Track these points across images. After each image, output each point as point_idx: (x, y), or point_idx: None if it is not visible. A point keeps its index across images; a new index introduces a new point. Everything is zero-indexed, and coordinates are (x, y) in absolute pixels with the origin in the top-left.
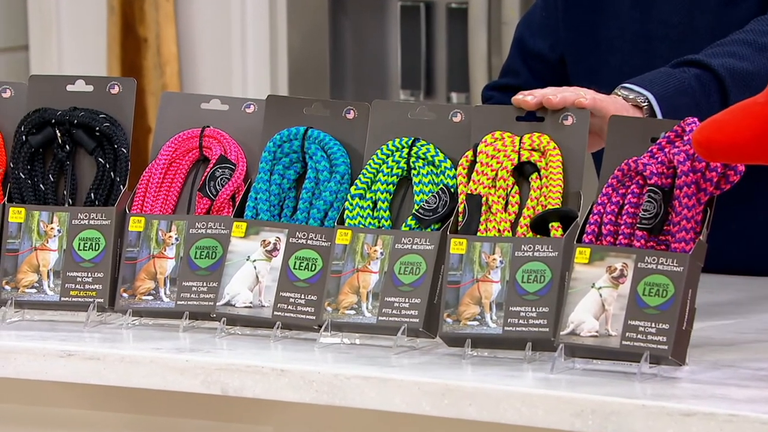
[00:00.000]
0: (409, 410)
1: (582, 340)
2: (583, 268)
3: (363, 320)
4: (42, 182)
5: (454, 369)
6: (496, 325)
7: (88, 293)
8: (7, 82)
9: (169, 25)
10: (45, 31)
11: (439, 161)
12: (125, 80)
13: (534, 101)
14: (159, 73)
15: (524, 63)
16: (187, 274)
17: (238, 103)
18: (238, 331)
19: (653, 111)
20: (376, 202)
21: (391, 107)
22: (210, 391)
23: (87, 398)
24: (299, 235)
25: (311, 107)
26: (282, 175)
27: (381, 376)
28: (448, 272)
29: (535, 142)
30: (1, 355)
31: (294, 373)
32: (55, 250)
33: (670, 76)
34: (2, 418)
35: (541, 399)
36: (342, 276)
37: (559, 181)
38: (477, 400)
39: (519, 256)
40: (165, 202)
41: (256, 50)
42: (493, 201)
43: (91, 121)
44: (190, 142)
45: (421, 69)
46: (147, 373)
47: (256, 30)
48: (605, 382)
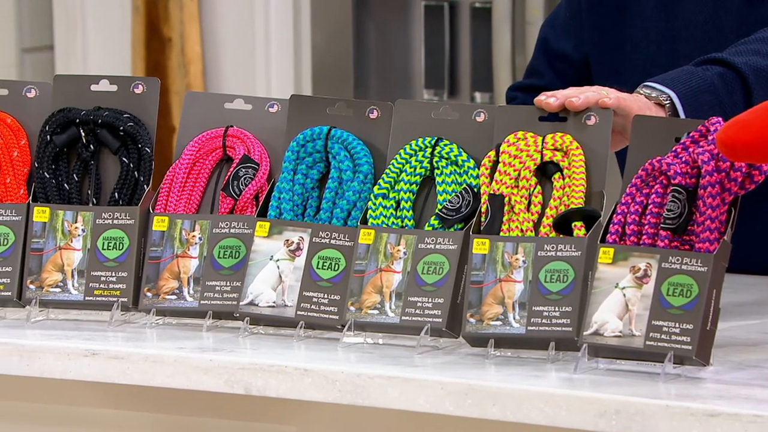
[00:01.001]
0: (432, 410)
1: (605, 340)
2: (606, 267)
3: (386, 320)
4: (66, 182)
5: (478, 369)
6: (519, 324)
7: (112, 292)
8: (32, 82)
9: (193, 25)
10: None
11: (463, 161)
12: (149, 80)
13: (557, 103)
14: (183, 73)
15: (548, 64)
16: (211, 273)
17: (261, 103)
18: (262, 330)
19: (676, 109)
20: (399, 202)
21: (414, 107)
22: (233, 390)
23: (111, 397)
24: (322, 235)
25: (334, 107)
26: (305, 175)
27: (404, 375)
28: (471, 272)
29: (558, 142)
30: (25, 355)
31: (317, 373)
32: (79, 250)
33: (693, 74)
34: (27, 417)
35: (564, 399)
36: (365, 276)
37: (582, 181)
38: (500, 400)
39: (542, 255)
40: (189, 202)
41: (279, 50)
42: (516, 201)
43: (115, 121)
44: (213, 141)
45: (445, 68)
46: (170, 372)
47: (280, 29)
48: (629, 382)
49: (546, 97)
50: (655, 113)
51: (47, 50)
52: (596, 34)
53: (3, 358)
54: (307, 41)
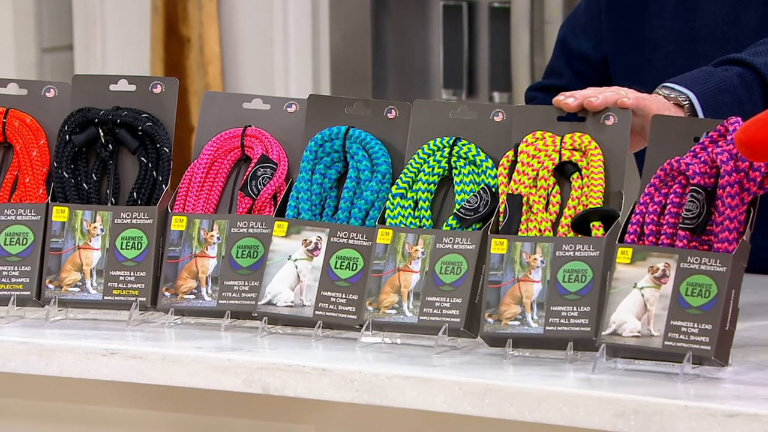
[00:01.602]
0: (450, 410)
1: (624, 341)
2: (625, 267)
3: (404, 320)
4: (85, 181)
5: (496, 369)
6: (538, 324)
7: (131, 292)
8: (51, 82)
9: (212, 25)
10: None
11: (481, 161)
12: (168, 80)
13: (575, 103)
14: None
15: (567, 64)
16: (229, 273)
17: (279, 103)
18: (280, 330)
19: (695, 110)
20: (417, 202)
21: (432, 107)
22: (251, 390)
23: (129, 397)
24: (340, 235)
25: (353, 107)
26: (323, 175)
27: (422, 375)
28: (489, 272)
29: (576, 142)
30: (44, 354)
31: (335, 373)
32: (98, 249)
33: (712, 74)
34: (45, 416)
35: (582, 399)
36: (383, 275)
37: (600, 181)
38: (518, 400)
39: (560, 255)
40: (207, 202)
41: (298, 49)
42: (534, 201)
43: (133, 121)
44: (232, 141)
45: (464, 68)
46: (189, 372)
47: (299, 29)
48: (647, 382)
49: (564, 97)
50: (674, 114)
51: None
52: (615, 34)
53: (22, 357)
54: (326, 41)
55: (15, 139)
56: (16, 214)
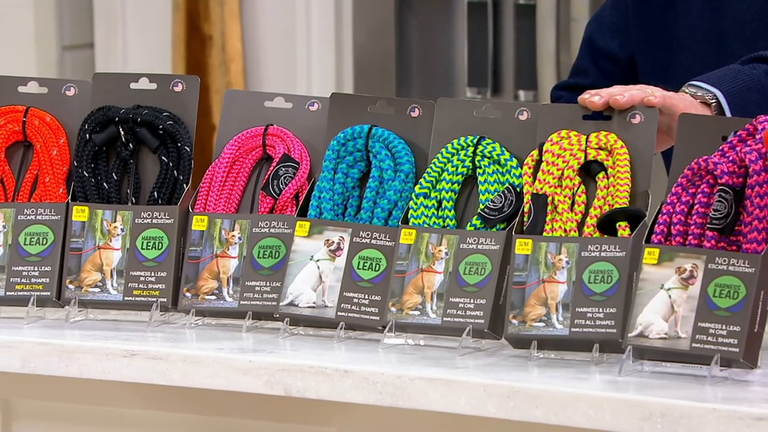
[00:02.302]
0: (474, 412)
1: (651, 342)
2: (651, 268)
3: (427, 321)
4: (105, 181)
5: (520, 371)
6: (563, 326)
7: (151, 293)
8: (71, 80)
9: (234, 23)
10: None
11: (505, 160)
12: (189, 78)
13: (601, 101)
14: (224, 71)
15: (594, 63)
16: (250, 273)
17: (301, 101)
18: (302, 331)
19: (722, 108)
20: (440, 202)
21: (456, 105)
22: (273, 391)
23: (149, 398)
24: (363, 235)
25: (375, 105)
26: (346, 174)
27: (446, 377)
28: (513, 273)
29: (602, 141)
30: (64, 355)
31: (358, 374)
32: (118, 249)
33: (739, 72)
34: (65, 417)
35: (608, 402)
36: (406, 276)
37: (626, 180)
38: (543, 402)
39: (586, 256)
40: (228, 201)
41: (321, 47)
42: (559, 200)
43: (154, 119)
44: (253, 140)
45: (488, 66)
46: (210, 373)
47: (321, 27)
48: (675, 385)
49: (590, 95)
50: (701, 112)
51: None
52: (642, 33)
53: (42, 358)
54: (349, 39)
55: (35, 138)
56: (36, 214)
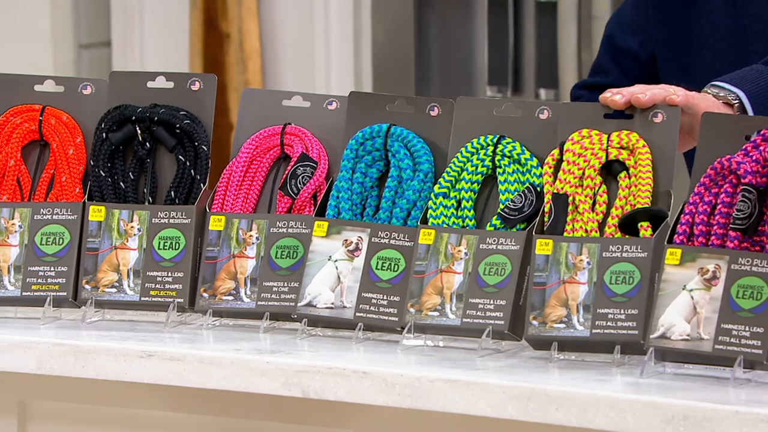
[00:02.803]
0: (493, 414)
1: (673, 344)
2: (673, 269)
3: (447, 322)
4: (122, 180)
5: (541, 372)
6: (584, 327)
7: (168, 293)
8: (88, 79)
9: (251, 20)
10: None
11: (525, 159)
12: (206, 76)
13: (623, 100)
14: (241, 69)
15: (614, 61)
16: (268, 273)
17: (320, 100)
18: (320, 332)
19: (744, 109)
20: (460, 201)
21: (476, 104)
22: (291, 393)
23: (166, 399)
24: (382, 235)
25: (394, 104)
26: (364, 174)
27: (465, 379)
28: (533, 273)
29: (624, 140)
30: (81, 356)
31: (376, 376)
32: (135, 249)
33: (763, 73)
34: (82, 418)
35: (630, 404)
36: (425, 276)
37: (648, 180)
38: (564, 404)
39: (607, 256)
40: (246, 201)
41: (339, 45)
42: (580, 200)
43: (171, 118)
44: (271, 139)
45: (509, 64)
46: (227, 374)
47: (340, 24)
48: (697, 387)
49: (611, 94)
50: (723, 112)
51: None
52: (663, 31)
53: (58, 359)
54: (368, 36)
55: (51, 137)
56: (52, 214)
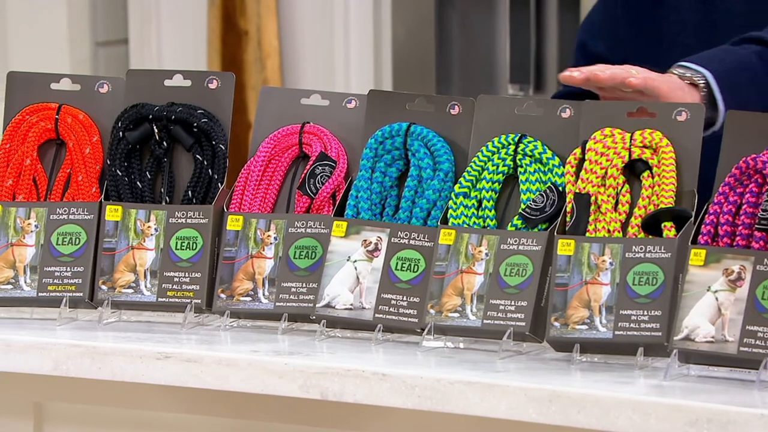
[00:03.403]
0: (514, 417)
1: (697, 346)
2: (698, 270)
3: (467, 323)
4: (139, 179)
5: (562, 375)
6: (606, 329)
7: (186, 294)
8: (105, 77)
9: (270, 18)
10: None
11: (547, 159)
12: (224, 74)
13: (581, 77)
14: (260, 67)
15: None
16: (286, 274)
17: (338, 99)
18: (339, 333)
19: (711, 89)
20: (481, 201)
21: (497, 102)
22: (309, 395)
23: (183, 401)
24: (401, 235)
25: (414, 102)
26: (384, 173)
27: (486, 381)
28: (555, 274)
29: (647, 139)
30: (97, 357)
31: (396, 378)
32: (152, 250)
33: (729, 53)
34: (98, 420)
35: (653, 407)
36: (445, 277)
37: (672, 180)
38: (586, 407)
39: (630, 257)
40: (264, 201)
41: (359, 43)
42: (603, 200)
43: (188, 117)
44: (289, 138)
45: (531, 62)
46: (245, 376)
47: (360, 22)
48: (722, 389)
49: (570, 71)
50: (687, 93)
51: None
52: (632, 31)
53: (74, 360)
54: (388, 34)
55: (68, 135)
56: (68, 213)
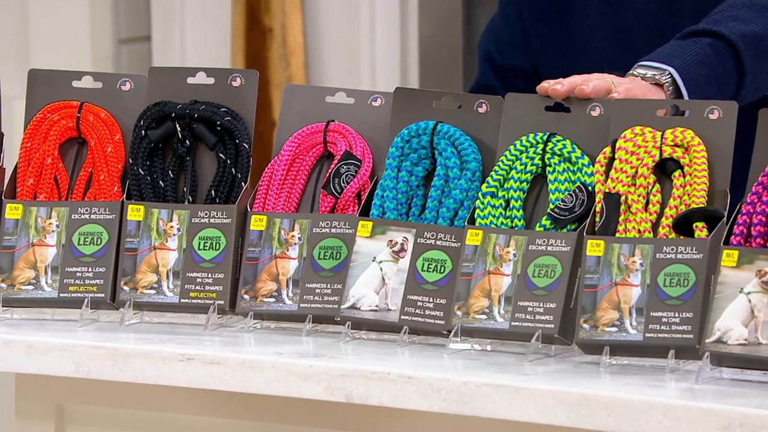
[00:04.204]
0: (543, 420)
1: (729, 349)
2: (730, 271)
3: (495, 325)
4: (161, 179)
5: (592, 377)
6: (637, 331)
7: (209, 294)
8: (127, 75)
9: (295, 14)
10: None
11: (576, 158)
12: (247, 72)
13: (563, 89)
14: (284, 65)
15: (499, 79)
16: (311, 275)
17: (364, 96)
18: (364, 335)
19: (677, 85)
20: (508, 201)
21: (525, 100)
22: (333, 398)
23: (206, 404)
24: (428, 236)
25: (441, 100)
26: (410, 172)
27: (513, 384)
28: (584, 275)
29: (678, 138)
30: (119, 359)
31: (422, 381)
32: (174, 250)
33: (685, 47)
34: (120, 423)
35: (684, 411)
36: (472, 278)
37: (704, 179)
38: (616, 410)
39: (661, 258)
40: (288, 200)
41: (385, 40)
42: (633, 200)
43: (212, 115)
44: (314, 137)
45: None
46: (268, 378)
47: (386, 19)
48: (755, 393)
49: (551, 84)
50: (655, 94)
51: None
52: (541, 40)
53: (96, 362)
54: (415, 30)
55: (89, 134)
56: (90, 213)
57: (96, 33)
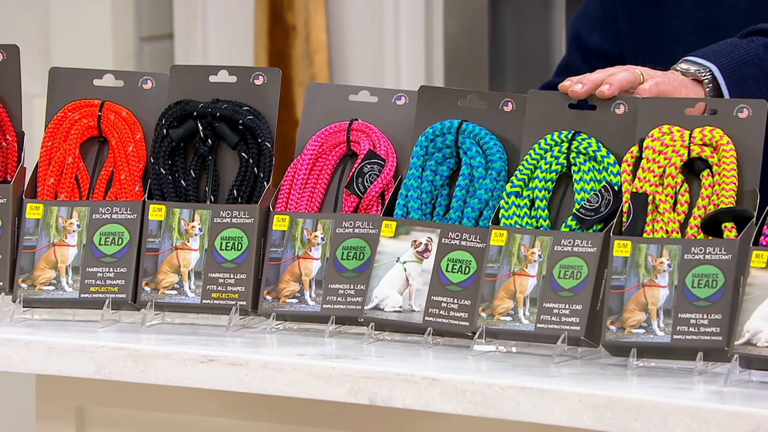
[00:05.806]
0: (568, 423)
1: (759, 351)
2: (760, 272)
3: (520, 327)
4: (183, 178)
5: (618, 380)
6: (664, 333)
7: (230, 295)
8: (149, 73)
9: (319, 12)
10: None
11: (602, 157)
12: (270, 70)
13: (584, 90)
14: (308, 63)
15: (583, 60)
16: (334, 275)
17: (388, 95)
18: (387, 336)
19: (717, 83)
20: (533, 201)
21: (548, 98)
22: (357, 400)
23: (228, 405)
24: (452, 236)
25: (466, 99)
26: (434, 172)
27: (539, 386)
28: (611, 276)
29: (707, 137)
30: (140, 360)
31: (446, 383)
32: (196, 250)
33: (737, 46)
34: (141, 424)
35: (713, 414)
36: (497, 279)
37: (733, 179)
38: (643, 413)
39: (689, 259)
40: (311, 200)
41: (410, 38)
42: (661, 200)
43: (234, 114)
44: (337, 136)
45: None
46: (291, 380)
47: (411, 16)
48: None
49: (572, 83)
50: (691, 90)
51: (166, 39)
52: (631, 27)
53: (117, 363)
54: (440, 28)
55: (110, 133)
56: (111, 213)
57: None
